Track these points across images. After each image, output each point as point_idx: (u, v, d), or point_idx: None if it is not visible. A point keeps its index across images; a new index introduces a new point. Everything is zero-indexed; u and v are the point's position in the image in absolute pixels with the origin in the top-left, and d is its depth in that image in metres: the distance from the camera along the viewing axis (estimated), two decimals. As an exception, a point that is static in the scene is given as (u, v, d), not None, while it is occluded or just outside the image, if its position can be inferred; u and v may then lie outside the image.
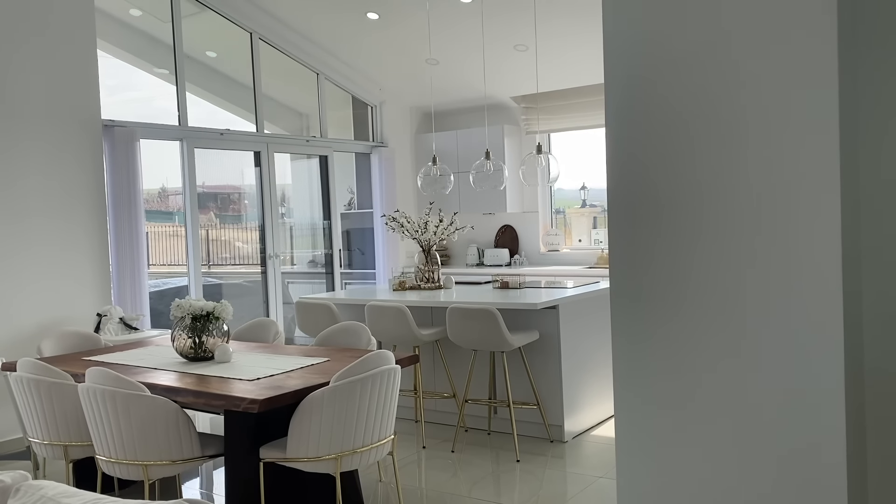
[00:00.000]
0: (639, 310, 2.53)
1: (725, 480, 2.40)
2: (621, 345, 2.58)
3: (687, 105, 2.39)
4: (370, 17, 6.64)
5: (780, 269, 2.27)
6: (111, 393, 3.19)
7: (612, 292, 2.58)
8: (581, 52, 6.72)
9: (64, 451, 3.60)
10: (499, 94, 7.82)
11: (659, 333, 2.49)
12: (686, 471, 2.47)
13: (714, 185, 2.36)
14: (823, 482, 2.24)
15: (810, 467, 2.26)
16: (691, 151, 2.40)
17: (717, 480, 2.42)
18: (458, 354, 5.11)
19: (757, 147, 2.29)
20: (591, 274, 6.99)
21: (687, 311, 2.43)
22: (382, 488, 4.12)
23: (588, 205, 7.97)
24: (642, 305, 2.52)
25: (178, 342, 3.89)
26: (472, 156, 7.34)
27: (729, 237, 2.35)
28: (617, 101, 2.53)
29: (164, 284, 6.91)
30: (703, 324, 2.41)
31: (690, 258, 2.41)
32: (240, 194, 7.63)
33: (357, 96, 8.09)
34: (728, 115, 2.33)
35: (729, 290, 2.35)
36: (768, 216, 2.28)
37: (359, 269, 8.37)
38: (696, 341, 2.42)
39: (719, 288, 2.37)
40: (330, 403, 3.16)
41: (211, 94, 7.20)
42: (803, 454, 2.26)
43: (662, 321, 2.48)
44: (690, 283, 2.42)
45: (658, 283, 2.48)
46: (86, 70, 5.44)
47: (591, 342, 5.04)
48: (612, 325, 2.59)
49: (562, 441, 4.77)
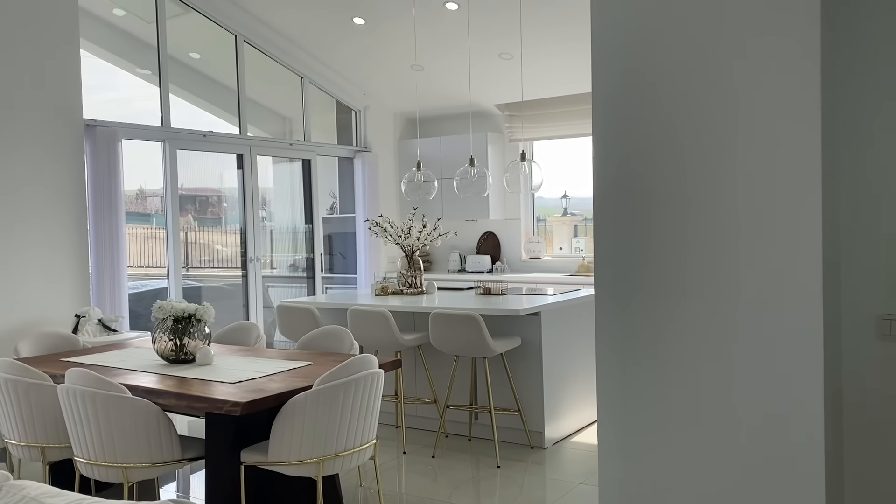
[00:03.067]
0: (622, 316, 2.55)
1: (707, 487, 2.43)
2: (605, 351, 2.60)
3: (673, 111, 2.42)
4: (356, 22, 6.65)
5: (762, 275, 2.30)
6: (91, 394, 3.16)
7: (597, 299, 2.60)
8: (566, 62, 6.77)
9: (41, 452, 3.55)
10: (483, 101, 7.85)
11: (642, 340, 2.51)
12: (668, 477, 2.49)
13: (699, 192, 2.39)
14: (802, 486, 2.27)
15: (790, 472, 2.29)
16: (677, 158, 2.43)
17: (700, 487, 2.44)
18: (440, 360, 5.11)
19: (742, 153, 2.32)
20: (572, 282, 7.03)
21: (670, 318, 2.45)
22: (363, 493, 4.11)
23: (569, 213, 8.02)
24: (626, 312, 2.54)
25: (160, 344, 3.86)
26: (456, 162, 7.36)
27: (713, 244, 2.38)
28: (604, 106, 2.55)
29: (142, 286, 6.84)
30: (687, 330, 2.43)
31: (674, 265, 2.44)
32: (219, 197, 7.58)
33: (341, 101, 8.09)
34: (714, 122, 2.36)
35: (712, 296, 2.38)
36: (752, 222, 2.31)
37: (340, 274, 8.35)
38: (679, 347, 2.45)
39: (702, 294, 2.40)
40: (312, 407, 3.15)
41: (194, 95, 7.17)
42: (783, 459, 2.29)
43: (646, 328, 2.50)
44: (674, 290, 2.44)
45: (642, 289, 2.50)
46: (68, 69, 5.40)
47: (572, 349, 5.07)
48: (596, 331, 2.61)
49: (542, 447, 4.79)
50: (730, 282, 2.34)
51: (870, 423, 2.39)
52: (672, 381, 2.46)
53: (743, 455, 2.36)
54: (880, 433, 2.38)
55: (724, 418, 2.38)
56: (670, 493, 2.49)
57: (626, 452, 2.57)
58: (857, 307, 2.39)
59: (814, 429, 2.23)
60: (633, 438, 2.55)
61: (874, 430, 2.38)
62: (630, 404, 2.55)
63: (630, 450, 2.56)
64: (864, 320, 2.38)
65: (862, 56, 2.35)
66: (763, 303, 2.29)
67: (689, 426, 2.44)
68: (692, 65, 2.38)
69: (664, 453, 2.49)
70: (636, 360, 2.53)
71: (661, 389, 2.48)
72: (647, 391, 2.51)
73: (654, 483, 2.52)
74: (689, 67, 2.38)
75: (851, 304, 2.39)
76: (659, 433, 2.50)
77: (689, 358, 2.43)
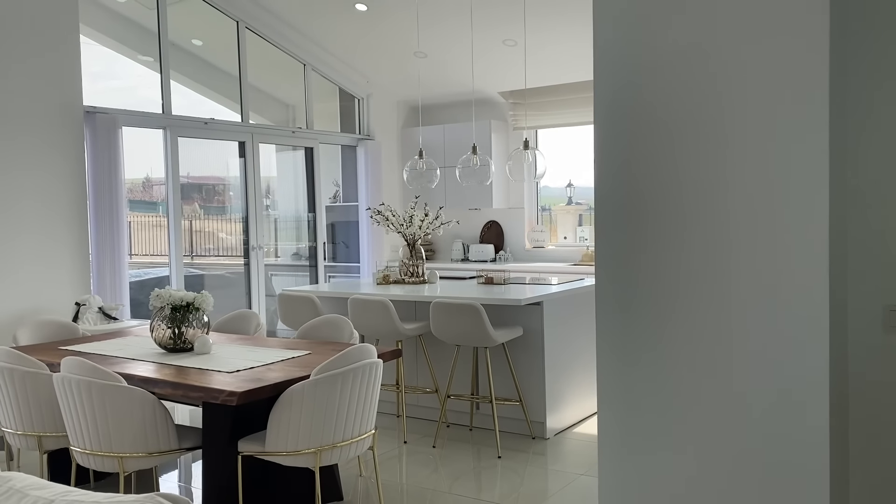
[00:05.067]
0: (623, 311, 2.51)
1: (707, 479, 2.39)
2: (605, 345, 2.56)
3: (676, 109, 2.37)
4: (358, 9, 6.58)
5: (766, 266, 2.25)
6: (87, 383, 3.13)
7: (598, 293, 2.56)
8: (570, 49, 6.69)
9: (38, 441, 3.54)
10: (487, 88, 7.79)
11: (643, 334, 2.47)
12: (668, 469, 2.46)
13: (702, 189, 2.34)
14: (805, 477, 2.23)
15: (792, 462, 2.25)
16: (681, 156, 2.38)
17: (700, 479, 2.40)
18: (441, 350, 5.08)
19: (745, 150, 2.27)
20: (576, 271, 6.97)
21: (671, 313, 2.41)
22: (363, 483, 4.09)
23: (574, 202, 7.96)
24: (627, 307, 2.50)
25: (157, 333, 3.83)
26: (459, 150, 7.30)
27: (715, 241, 2.33)
28: (606, 104, 2.50)
29: (145, 275, 6.83)
30: (687, 325, 2.39)
31: (676, 262, 2.39)
32: (224, 185, 7.55)
33: (344, 88, 8.03)
34: (718, 118, 2.31)
35: (714, 293, 2.34)
36: (758, 214, 2.26)
37: (343, 263, 8.32)
38: (681, 339, 2.41)
39: (704, 291, 2.35)
40: (310, 397, 3.12)
41: (196, 82, 7.12)
42: (786, 449, 2.25)
43: (647, 323, 2.46)
44: (676, 286, 2.40)
45: (643, 284, 2.46)
46: (68, 56, 5.36)
47: (574, 339, 5.03)
48: (596, 325, 2.57)
49: (543, 438, 4.75)
50: (734, 273, 2.30)
51: (876, 415, 2.34)
52: (673, 372, 2.42)
53: (744, 447, 2.32)
54: (887, 425, 2.33)
55: (725, 410, 2.34)
56: (670, 485, 2.45)
57: (626, 445, 2.53)
58: (864, 298, 2.34)
59: (818, 421, 2.19)
60: (633, 431, 2.51)
61: (880, 422, 2.34)
62: (630, 396, 2.51)
63: (630, 442, 2.52)
64: (871, 311, 2.33)
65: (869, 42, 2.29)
66: (768, 293, 2.24)
67: (690, 418, 2.40)
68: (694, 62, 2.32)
69: (664, 445, 2.45)
70: (637, 352, 2.49)
71: (662, 382, 2.44)
72: (648, 383, 2.47)
73: (654, 475, 2.48)
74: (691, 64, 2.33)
75: (858, 296, 2.34)
76: (659, 425, 2.46)
77: (692, 349, 2.38)
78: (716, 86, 2.29)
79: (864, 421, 2.36)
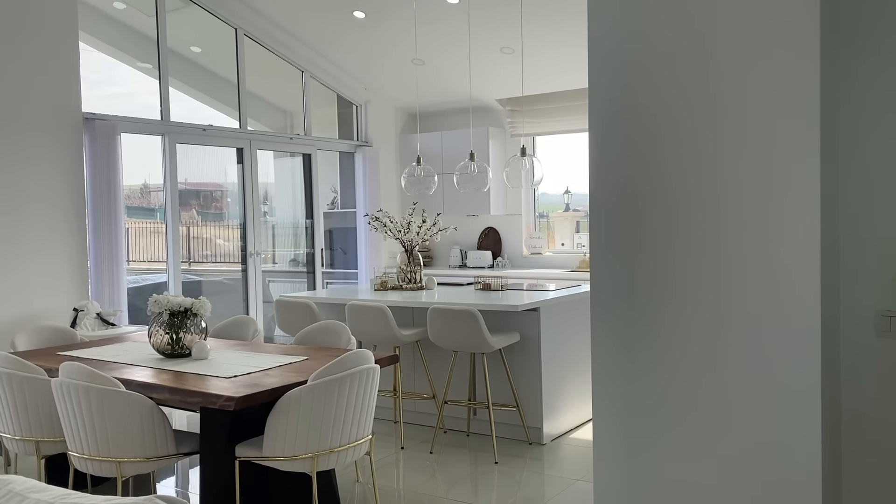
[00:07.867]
0: (619, 317, 2.53)
1: (701, 485, 2.40)
2: (601, 351, 2.58)
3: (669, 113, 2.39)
4: (356, 16, 6.62)
5: (760, 272, 2.27)
6: (85, 388, 3.14)
7: (593, 299, 2.58)
8: (567, 56, 6.73)
9: (36, 446, 3.54)
10: (484, 96, 7.82)
11: (638, 340, 2.49)
12: (662, 475, 2.47)
13: (696, 194, 2.36)
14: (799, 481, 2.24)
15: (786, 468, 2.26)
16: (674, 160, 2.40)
17: (694, 485, 2.42)
18: (439, 355, 5.09)
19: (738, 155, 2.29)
20: (573, 277, 6.99)
21: (666, 316, 2.43)
22: (360, 488, 4.10)
23: (571, 209, 7.98)
24: (623, 312, 2.52)
25: (155, 338, 3.84)
26: (457, 157, 7.32)
27: (710, 246, 2.35)
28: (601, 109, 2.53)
29: (142, 280, 6.84)
30: (683, 331, 2.40)
31: (671, 267, 2.41)
32: (222, 192, 7.57)
33: (342, 95, 8.06)
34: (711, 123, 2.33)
35: (709, 298, 2.35)
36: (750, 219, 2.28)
37: (341, 269, 8.33)
38: (675, 345, 2.42)
39: (700, 297, 2.37)
40: (307, 402, 3.13)
41: (194, 89, 7.14)
42: (779, 455, 2.27)
43: (642, 328, 2.48)
44: (670, 292, 2.42)
45: (638, 290, 2.48)
46: (67, 62, 5.38)
47: (571, 345, 5.05)
48: (591, 331, 2.59)
49: (540, 443, 4.77)
50: (727, 279, 2.32)
51: (868, 420, 2.36)
52: (668, 378, 2.44)
53: (738, 451, 2.33)
54: (879, 428, 2.35)
55: (719, 415, 2.36)
56: (665, 489, 2.46)
57: (622, 450, 2.54)
58: (856, 303, 2.36)
59: (811, 426, 2.21)
60: (627, 436, 2.53)
61: (873, 427, 2.36)
62: (625, 402, 2.53)
63: (625, 447, 2.53)
64: (863, 317, 2.35)
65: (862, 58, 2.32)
66: (760, 299, 2.26)
67: (685, 424, 2.42)
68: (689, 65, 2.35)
69: (659, 450, 2.47)
70: (632, 357, 2.50)
71: (657, 387, 2.46)
72: (643, 389, 2.49)
73: (650, 480, 2.49)
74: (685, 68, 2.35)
75: (851, 301, 2.36)
76: (654, 430, 2.47)
77: (685, 356, 2.40)
78: (709, 90, 2.32)
79: (856, 424, 2.38)
